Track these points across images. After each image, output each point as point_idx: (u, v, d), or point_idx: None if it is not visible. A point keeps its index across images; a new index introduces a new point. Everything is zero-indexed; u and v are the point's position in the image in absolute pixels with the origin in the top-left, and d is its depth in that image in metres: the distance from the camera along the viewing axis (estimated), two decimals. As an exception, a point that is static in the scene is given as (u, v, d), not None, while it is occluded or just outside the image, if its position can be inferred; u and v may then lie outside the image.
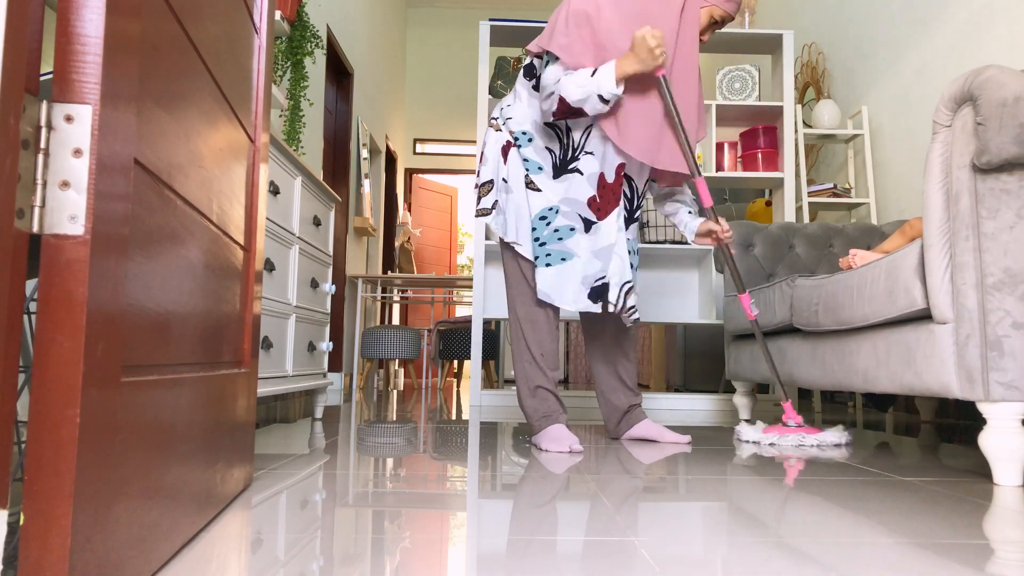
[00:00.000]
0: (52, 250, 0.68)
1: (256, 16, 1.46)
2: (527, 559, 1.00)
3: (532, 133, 2.25)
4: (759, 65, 5.32)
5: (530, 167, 2.24)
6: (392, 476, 1.67)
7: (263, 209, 1.51)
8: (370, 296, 6.23)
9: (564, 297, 2.21)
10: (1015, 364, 1.59)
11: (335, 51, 5.48)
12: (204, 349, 1.11)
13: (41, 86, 0.90)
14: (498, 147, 2.29)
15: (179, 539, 1.00)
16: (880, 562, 1.00)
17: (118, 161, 0.74)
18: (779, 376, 2.54)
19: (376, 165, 7.41)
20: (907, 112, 3.93)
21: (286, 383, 2.48)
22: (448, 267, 8.85)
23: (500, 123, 2.31)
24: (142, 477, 0.84)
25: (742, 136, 4.29)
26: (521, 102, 2.28)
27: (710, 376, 4.95)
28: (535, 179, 2.24)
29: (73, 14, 0.70)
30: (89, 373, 0.68)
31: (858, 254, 2.36)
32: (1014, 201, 1.62)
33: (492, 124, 2.34)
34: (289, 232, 2.50)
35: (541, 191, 2.23)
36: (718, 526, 1.21)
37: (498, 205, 2.28)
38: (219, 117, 1.16)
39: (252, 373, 1.45)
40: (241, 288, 1.37)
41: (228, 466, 1.29)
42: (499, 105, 2.38)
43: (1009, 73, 1.59)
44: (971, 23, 3.36)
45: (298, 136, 3.73)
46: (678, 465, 1.89)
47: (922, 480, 1.70)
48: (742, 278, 3.24)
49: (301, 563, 0.97)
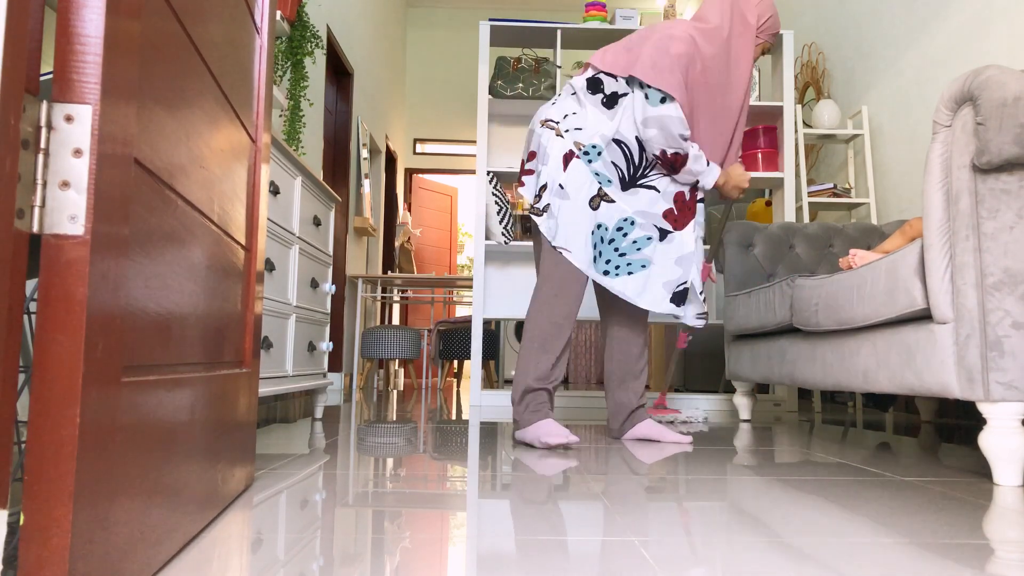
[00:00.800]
0: (52, 250, 0.68)
1: (257, 16, 1.46)
2: (527, 559, 1.00)
3: (602, 147, 2.33)
4: (759, 65, 5.32)
5: (601, 180, 2.34)
6: (392, 476, 1.67)
7: (264, 209, 1.51)
8: (370, 296, 6.24)
9: (645, 299, 2.36)
10: (1015, 364, 1.59)
11: (335, 51, 5.48)
12: (205, 349, 1.11)
13: (41, 86, 0.90)
14: (561, 153, 2.33)
15: (180, 539, 1.00)
16: (880, 562, 1.00)
17: (118, 161, 0.74)
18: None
19: (376, 165, 7.41)
20: (907, 112, 3.93)
21: (286, 383, 2.48)
22: (448, 267, 8.85)
23: (563, 130, 2.36)
24: (143, 477, 0.84)
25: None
26: (588, 114, 2.35)
27: (710, 376, 4.95)
28: (608, 191, 2.34)
29: (73, 14, 0.70)
30: (89, 373, 0.68)
31: (858, 254, 2.36)
32: (1014, 201, 1.62)
33: (551, 127, 2.37)
34: (289, 232, 2.50)
35: (615, 202, 2.34)
36: (718, 526, 1.21)
37: (550, 209, 2.32)
38: (220, 117, 1.16)
39: (253, 373, 1.45)
40: (242, 288, 1.37)
41: (229, 466, 1.29)
42: (555, 112, 2.40)
43: (1009, 73, 1.59)
44: (971, 23, 3.36)
45: (298, 136, 3.73)
46: (678, 465, 1.89)
47: (922, 480, 1.70)
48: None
49: (301, 563, 0.97)
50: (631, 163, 2.34)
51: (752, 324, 2.96)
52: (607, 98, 2.34)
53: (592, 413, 3.57)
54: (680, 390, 4.89)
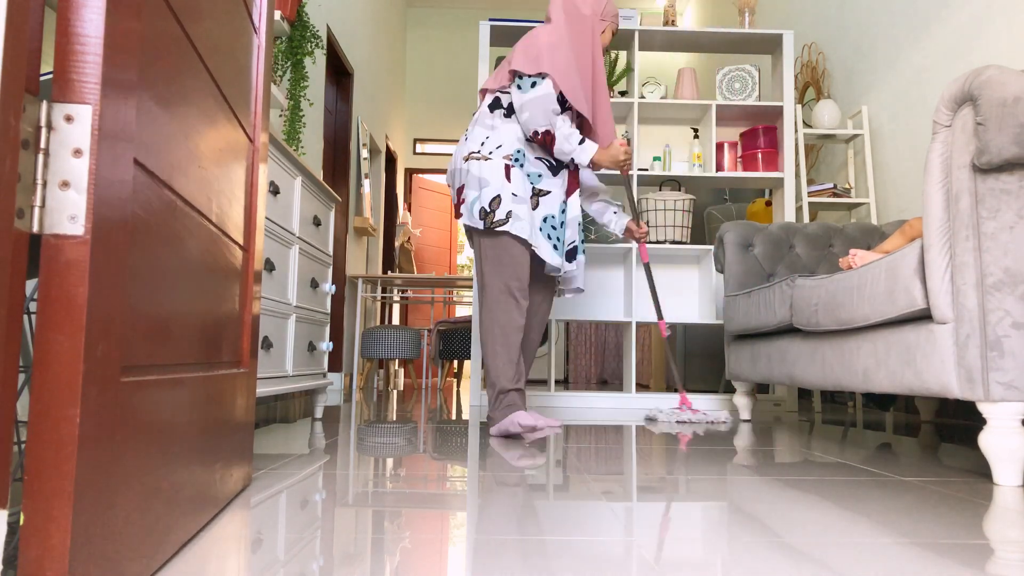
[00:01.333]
0: (52, 250, 0.68)
1: (255, 16, 1.46)
2: (527, 559, 1.00)
3: (523, 149, 2.66)
4: (759, 65, 5.32)
5: (533, 178, 2.67)
6: (392, 476, 1.67)
7: (262, 209, 1.51)
8: (370, 296, 6.23)
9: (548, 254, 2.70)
10: (1015, 364, 1.59)
11: (335, 51, 5.48)
12: (203, 349, 1.11)
13: (41, 86, 0.90)
14: (500, 172, 2.60)
15: (179, 538, 1.00)
16: (880, 562, 1.00)
17: (118, 161, 0.74)
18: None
19: (376, 165, 7.41)
20: (907, 112, 3.93)
21: (286, 383, 2.48)
22: (448, 267, 8.85)
23: (487, 154, 2.63)
24: (142, 477, 0.84)
25: (742, 136, 4.29)
26: (499, 130, 2.66)
27: (710, 376, 4.95)
28: (542, 185, 2.69)
29: (73, 14, 0.70)
30: (89, 373, 0.68)
31: (858, 254, 2.36)
32: (1014, 201, 1.62)
33: (476, 158, 2.62)
34: (289, 232, 2.50)
35: (551, 192, 2.70)
36: (718, 526, 1.21)
37: (514, 214, 2.58)
38: (218, 117, 1.16)
39: (251, 373, 1.45)
40: (240, 288, 1.37)
41: (227, 466, 1.29)
42: (473, 144, 2.66)
43: (1009, 73, 1.59)
44: (971, 23, 3.37)
45: (298, 136, 3.73)
46: (678, 465, 1.89)
47: (922, 480, 1.70)
48: (660, 305, 3.94)
49: (301, 563, 0.97)
50: (549, 151, 2.70)
51: (752, 324, 2.96)
52: (507, 109, 2.69)
53: (592, 413, 3.57)
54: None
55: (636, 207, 3.29)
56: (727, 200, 5.26)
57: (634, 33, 4.17)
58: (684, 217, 4.15)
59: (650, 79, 4.42)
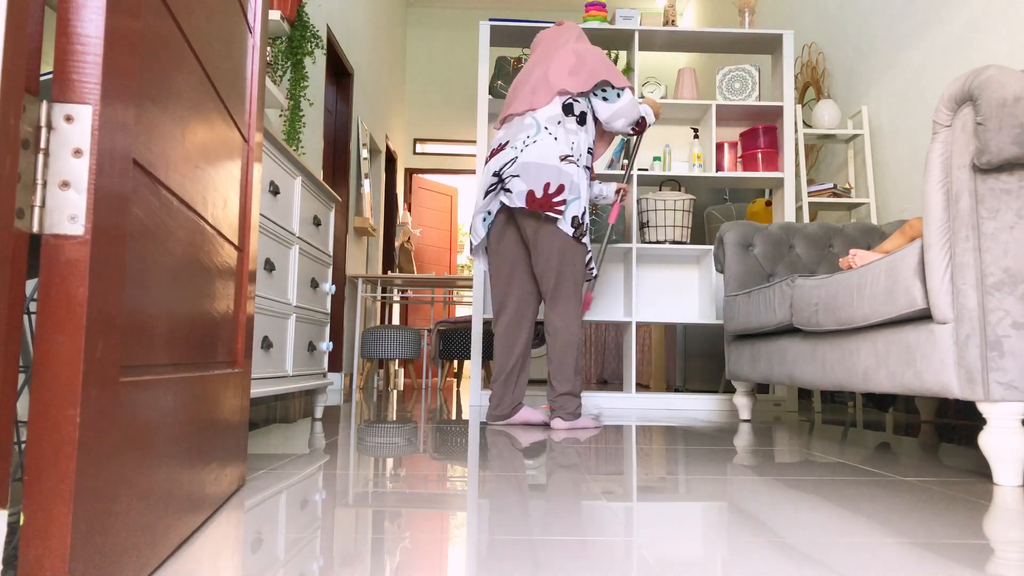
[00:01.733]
0: (52, 250, 0.68)
1: (250, 15, 1.46)
2: (527, 559, 1.00)
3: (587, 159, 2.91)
4: (759, 65, 5.32)
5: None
6: (392, 476, 1.67)
7: (257, 208, 1.51)
8: (370, 296, 6.23)
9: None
10: (1015, 364, 1.59)
11: (335, 51, 5.48)
12: (199, 349, 1.11)
13: (41, 86, 0.90)
14: (587, 184, 2.84)
15: (177, 538, 1.00)
16: (880, 562, 1.00)
17: (118, 161, 0.74)
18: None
19: (376, 165, 7.41)
20: (907, 112, 3.93)
21: (286, 383, 2.48)
22: (448, 267, 8.85)
23: (575, 160, 2.80)
24: (141, 477, 0.84)
25: (742, 136, 4.29)
26: (579, 138, 2.84)
27: (710, 376, 4.95)
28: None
29: (73, 14, 0.70)
30: (89, 373, 0.68)
31: (858, 254, 2.36)
32: (1014, 201, 1.62)
33: (572, 162, 2.77)
34: (289, 232, 2.50)
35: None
36: (718, 526, 1.21)
37: (587, 226, 2.80)
38: (214, 117, 1.16)
39: (245, 373, 1.45)
40: (235, 288, 1.37)
41: (222, 466, 1.29)
42: (562, 149, 2.77)
43: (1009, 73, 1.59)
44: (971, 23, 3.36)
45: (298, 136, 3.73)
46: (678, 465, 1.89)
47: (922, 480, 1.70)
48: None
49: (300, 563, 0.97)
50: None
51: (752, 324, 2.96)
52: (579, 117, 2.86)
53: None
54: (680, 390, 4.90)
55: (634, 159, 3.49)
56: (727, 200, 5.26)
57: (634, 33, 4.17)
58: (684, 217, 4.15)
59: (650, 79, 4.42)
